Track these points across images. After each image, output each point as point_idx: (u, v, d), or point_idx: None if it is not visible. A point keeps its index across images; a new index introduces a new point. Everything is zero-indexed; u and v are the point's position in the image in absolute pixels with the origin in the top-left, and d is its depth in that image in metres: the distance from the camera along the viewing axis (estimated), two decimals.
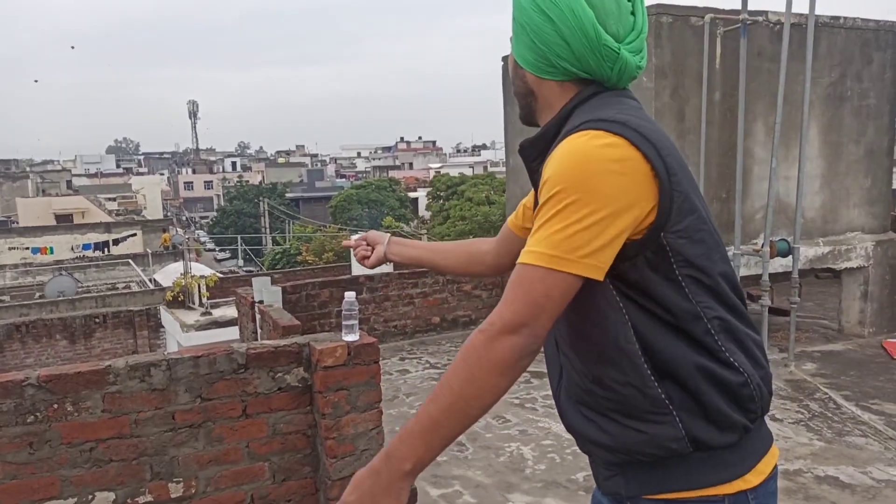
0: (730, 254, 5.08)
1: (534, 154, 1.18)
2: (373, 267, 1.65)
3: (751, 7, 4.96)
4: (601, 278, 1.01)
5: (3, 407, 2.28)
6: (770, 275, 5.00)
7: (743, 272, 5.09)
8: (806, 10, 4.94)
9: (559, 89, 1.16)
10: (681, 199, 1.05)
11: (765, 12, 5.18)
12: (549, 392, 4.91)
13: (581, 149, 1.01)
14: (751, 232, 5.36)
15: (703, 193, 4.66)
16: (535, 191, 1.17)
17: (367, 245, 1.65)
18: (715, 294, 1.09)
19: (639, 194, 1.01)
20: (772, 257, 5.00)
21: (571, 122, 1.09)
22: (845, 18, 5.63)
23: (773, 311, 5.49)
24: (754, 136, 5.32)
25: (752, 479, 1.09)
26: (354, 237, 1.70)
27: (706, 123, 5.04)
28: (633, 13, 1.13)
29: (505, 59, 6.97)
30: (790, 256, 5.05)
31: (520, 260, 1.02)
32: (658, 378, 1.07)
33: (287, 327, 4.30)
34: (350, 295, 2.81)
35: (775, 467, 1.15)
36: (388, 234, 1.66)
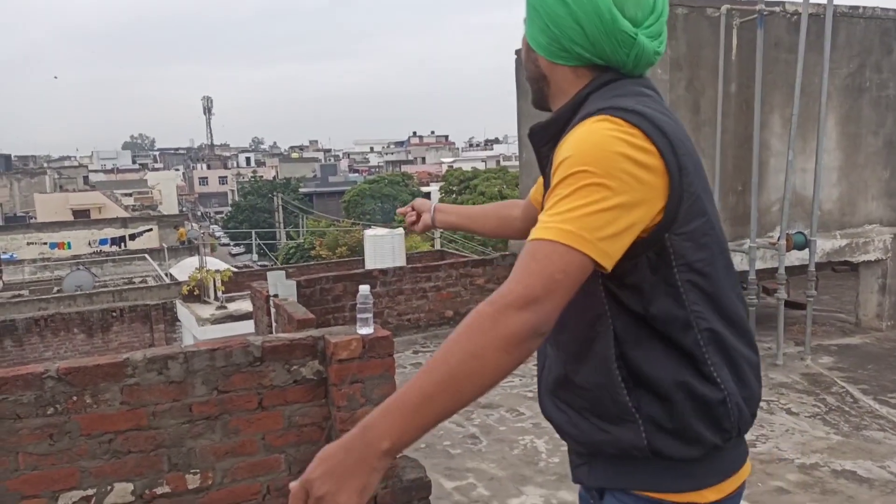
0: (745, 247, 5.04)
1: (544, 139, 1.15)
2: (421, 232, 1.73)
3: None
4: (608, 269, 0.97)
5: (24, 399, 2.32)
6: (786, 268, 4.95)
7: (759, 265, 5.05)
8: (824, 0, 4.87)
9: (573, 75, 1.11)
10: (690, 200, 1.01)
11: (782, 2, 5.11)
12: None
13: (601, 133, 0.98)
14: (767, 225, 5.31)
15: (718, 186, 4.58)
16: (544, 177, 1.16)
17: (414, 211, 1.72)
18: (714, 303, 1.06)
19: (651, 190, 0.98)
20: (788, 250, 4.95)
21: (586, 108, 1.06)
22: (864, 8, 5.54)
23: (790, 304, 5.44)
24: (771, 128, 5.26)
25: (710, 494, 1.08)
26: (404, 207, 1.80)
27: (722, 115, 4.99)
28: None
29: (518, 53, 6.94)
30: (807, 249, 5.00)
31: (534, 236, 0.96)
32: (630, 385, 1.06)
33: (302, 321, 4.32)
34: (364, 288, 2.82)
35: (742, 485, 1.14)
36: (433, 203, 1.74)
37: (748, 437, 3.69)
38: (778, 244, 4.94)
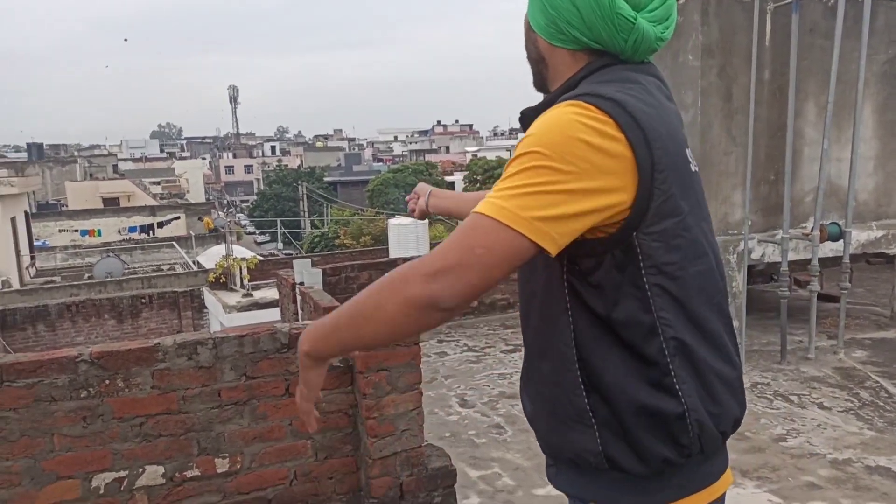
0: (777, 237, 4.94)
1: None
2: (420, 218, 1.69)
3: None
4: (553, 251, 0.92)
5: (59, 382, 2.36)
6: (819, 259, 4.84)
7: (791, 256, 4.95)
8: None
9: (570, 59, 1.07)
10: (662, 197, 0.96)
11: None
12: None
13: (566, 118, 0.94)
14: (800, 215, 5.19)
15: (750, 175, 4.47)
16: None
17: (417, 196, 1.70)
18: (684, 311, 1.00)
19: (615, 182, 0.93)
20: (822, 241, 4.84)
21: (573, 93, 1.01)
22: None
23: (823, 297, 5.33)
24: (805, 116, 5.13)
25: None
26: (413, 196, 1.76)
27: (755, 103, 4.88)
28: None
29: None
30: (841, 241, 4.88)
31: (474, 209, 0.94)
32: (588, 388, 1.02)
33: (328, 308, 4.34)
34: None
35: None
36: (431, 187, 1.70)
37: (779, 429, 3.66)
38: (811, 235, 4.83)
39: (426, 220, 11.94)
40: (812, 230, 4.84)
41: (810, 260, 4.83)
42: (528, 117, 1.11)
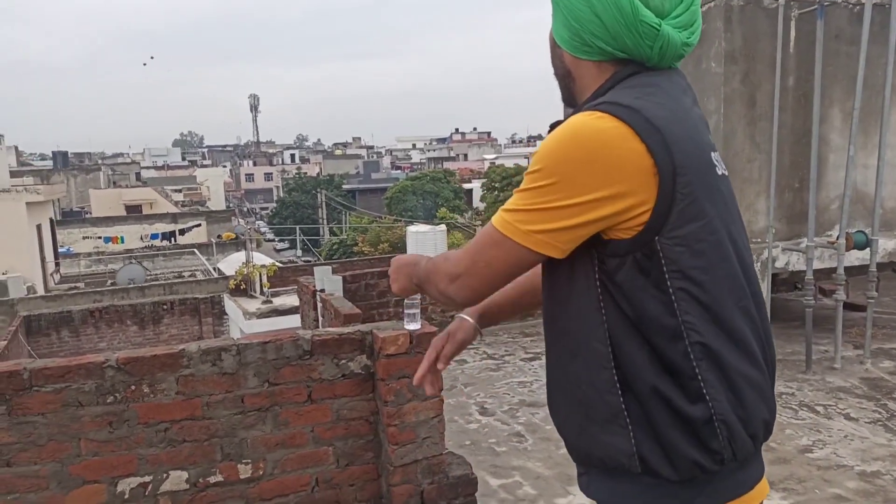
0: (802, 245, 4.87)
1: None
2: (454, 354, 1.43)
3: None
4: (559, 256, 1.01)
5: (86, 387, 2.39)
6: (845, 268, 4.76)
7: (816, 265, 4.87)
8: None
9: (596, 70, 1.07)
10: (685, 202, 0.96)
11: None
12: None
13: (575, 130, 0.97)
14: (825, 223, 5.12)
15: (774, 182, 4.41)
16: None
17: (447, 339, 1.41)
18: (709, 314, 1.00)
19: (628, 188, 0.94)
20: (848, 250, 4.76)
21: (593, 103, 1.02)
22: None
23: (849, 306, 5.23)
24: (830, 123, 5.07)
25: None
26: (427, 365, 1.43)
27: (779, 110, 4.83)
28: None
29: None
30: (867, 249, 4.80)
31: (493, 217, 1.05)
32: (623, 387, 1.02)
33: (348, 315, 4.37)
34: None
35: None
36: (465, 317, 1.41)
37: (805, 440, 3.60)
38: (837, 243, 4.76)
39: (444, 228, 11.96)
40: (838, 238, 4.76)
41: (836, 269, 4.75)
42: (554, 129, 1.12)
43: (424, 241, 11.16)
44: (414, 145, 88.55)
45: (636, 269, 0.99)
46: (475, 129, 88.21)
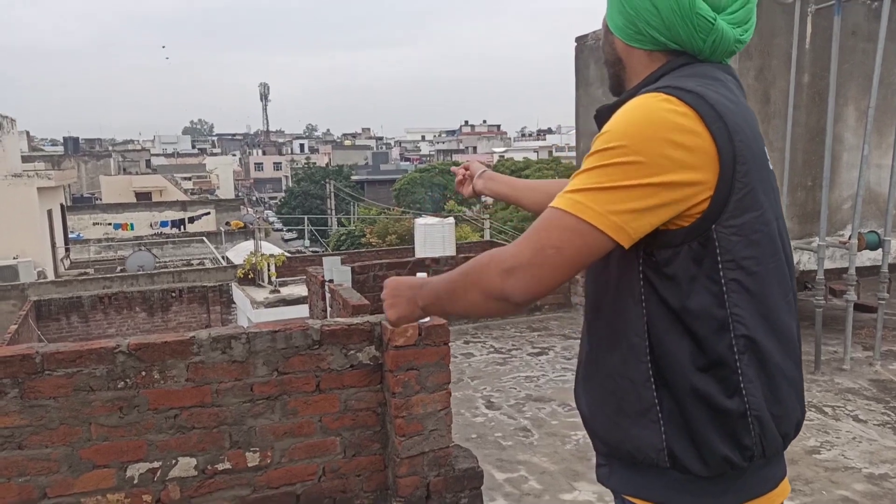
0: (813, 245, 4.84)
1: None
2: (467, 197, 1.67)
3: None
4: (627, 245, 0.96)
5: (97, 372, 2.41)
6: (857, 269, 4.73)
7: (828, 265, 4.84)
8: None
9: (647, 59, 1.08)
10: (743, 191, 0.96)
11: None
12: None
13: (646, 109, 0.95)
14: (837, 223, 5.08)
15: (787, 180, 4.36)
16: None
17: (467, 172, 1.68)
18: (758, 307, 1.00)
19: (694, 175, 0.94)
20: (860, 250, 4.72)
21: (654, 86, 1.02)
22: None
23: (859, 307, 5.20)
24: (845, 121, 5.02)
25: None
26: (460, 166, 1.75)
27: (793, 107, 4.79)
28: None
29: (579, 40, 6.81)
30: (880, 250, 4.76)
31: (551, 203, 0.98)
32: (657, 381, 1.02)
33: (357, 306, 4.38)
34: (422, 276, 2.83)
35: None
36: (484, 167, 1.67)
37: (812, 441, 3.58)
38: (849, 243, 4.72)
39: (452, 220, 11.95)
40: (850, 238, 4.73)
41: (847, 269, 4.72)
42: (602, 115, 1.10)
43: (433, 233, 11.15)
44: (423, 137, 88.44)
45: (690, 258, 0.97)
46: (485, 121, 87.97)
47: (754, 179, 0.98)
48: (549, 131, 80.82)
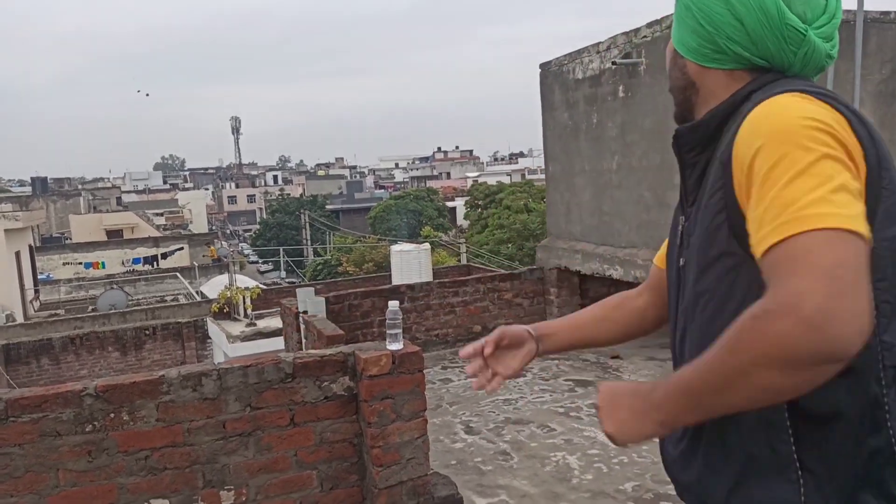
0: None
1: (691, 143, 1.01)
2: (510, 378, 1.26)
3: None
4: (868, 243, 0.78)
5: (64, 416, 2.36)
6: None
7: None
8: (854, 7, 4.80)
9: (727, 79, 0.98)
10: (891, 199, 0.85)
11: None
12: (594, 401, 4.85)
13: (793, 108, 0.83)
14: None
15: None
16: (683, 187, 1.04)
17: (504, 341, 1.24)
18: None
19: (855, 171, 0.82)
20: None
21: (751, 103, 0.90)
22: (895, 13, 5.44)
23: None
24: None
25: None
26: (477, 344, 1.24)
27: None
28: None
29: (543, 66, 6.95)
30: None
31: (773, 239, 0.77)
32: (794, 429, 0.86)
33: (331, 337, 4.35)
34: (394, 304, 2.83)
35: None
36: (522, 327, 1.27)
37: None
38: None
39: (428, 246, 11.98)
40: None
41: None
42: (683, 136, 1.02)
43: (409, 259, 11.16)
44: (397, 164, 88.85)
45: None
46: (457, 147, 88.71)
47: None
48: (522, 154, 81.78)
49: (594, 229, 6.35)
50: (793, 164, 0.79)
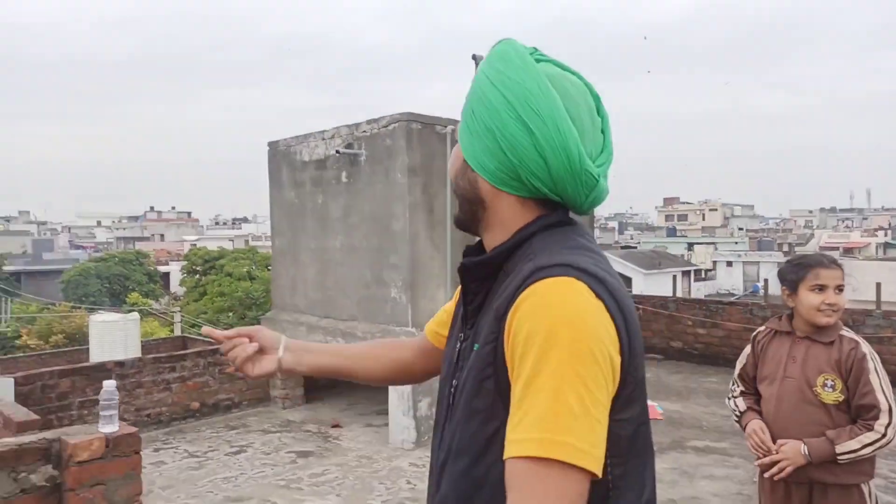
0: None
1: (476, 276, 1.00)
2: (254, 377, 1.26)
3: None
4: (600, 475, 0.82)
5: None
6: None
7: None
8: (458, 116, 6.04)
9: (519, 206, 0.97)
10: (634, 384, 0.89)
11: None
12: (316, 471, 4.99)
13: (564, 307, 0.83)
14: None
15: (449, 277, 5.23)
16: (465, 312, 1.03)
17: (251, 342, 1.23)
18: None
19: (615, 374, 0.86)
20: None
21: (533, 252, 0.93)
22: None
23: None
24: None
25: None
26: (227, 331, 1.24)
27: (450, 217, 5.80)
28: (602, 131, 0.99)
29: (272, 145, 7.23)
30: None
31: (517, 451, 0.80)
32: None
33: (23, 423, 3.86)
34: (110, 384, 2.75)
35: None
36: (281, 335, 1.27)
37: None
38: None
39: (137, 316, 11.02)
40: None
41: None
42: (471, 271, 1.01)
43: (113, 331, 10.10)
44: (99, 222, 79.61)
45: None
46: (174, 207, 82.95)
47: (642, 372, 0.92)
48: (246, 220, 79.64)
49: (318, 303, 6.67)
50: (560, 379, 0.80)
